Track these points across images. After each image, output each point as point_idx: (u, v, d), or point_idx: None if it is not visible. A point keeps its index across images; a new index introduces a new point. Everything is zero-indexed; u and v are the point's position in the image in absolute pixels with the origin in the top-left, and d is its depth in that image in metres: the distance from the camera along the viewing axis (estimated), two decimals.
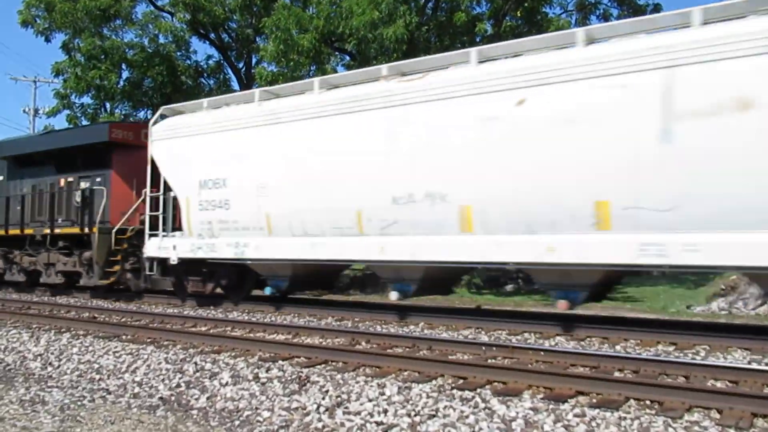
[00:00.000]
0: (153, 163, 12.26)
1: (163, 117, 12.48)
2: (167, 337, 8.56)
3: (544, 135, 8.04)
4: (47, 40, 21.86)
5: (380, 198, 9.29)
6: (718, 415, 4.80)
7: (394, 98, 9.25)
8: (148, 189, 12.40)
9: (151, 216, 12.35)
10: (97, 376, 6.93)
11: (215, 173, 11.23)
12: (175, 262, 11.90)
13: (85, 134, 14.87)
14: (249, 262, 11.05)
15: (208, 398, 5.93)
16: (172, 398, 6.04)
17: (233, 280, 11.86)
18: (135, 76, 22.48)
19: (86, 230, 13.43)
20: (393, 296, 9.93)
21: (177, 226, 12.32)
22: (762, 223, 6.78)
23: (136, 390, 6.34)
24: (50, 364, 7.60)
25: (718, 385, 5.65)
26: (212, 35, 23.23)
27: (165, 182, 12.18)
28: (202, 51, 68.73)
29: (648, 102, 7.40)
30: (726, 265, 7.49)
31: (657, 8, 19.00)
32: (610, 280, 8.46)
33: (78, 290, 14.72)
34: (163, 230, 12.22)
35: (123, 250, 13.08)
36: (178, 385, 6.33)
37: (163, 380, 6.53)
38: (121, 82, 22.37)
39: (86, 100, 22.49)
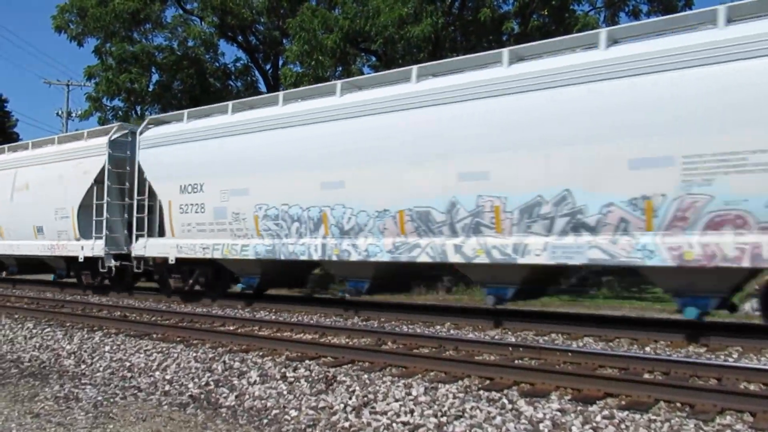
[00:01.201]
0: None
1: None
2: (196, 336, 8.70)
3: (35, 193, 15.89)
4: (80, 44, 22.33)
5: (21, 223, 16.55)
6: (751, 419, 4.72)
7: (12, 164, 17.05)
8: None
9: None
10: (129, 374, 7.07)
11: None
12: None
13: None
14: None
15: (236, 397, 6.00)
16: (202, 396, 6.13)
17: None
18: (164, 79, 22.82)
19: None
20: (4, 273, 18.65)
21: None
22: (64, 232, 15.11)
23: (167, 388, 6.45)
24: (83, 361, 7.77)
25: (752, 387, 5.55)
26: (240, 37, 23.44)
27: None
28: (230, 53, 69.24)
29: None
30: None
31: (688, 3, 18.59)
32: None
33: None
34: None
35: None
36: (208, 384, 6.42)
37: (192, 378, 6.63)
38: (151, 85, 22.72)
39: (117, 103, 22.93)
